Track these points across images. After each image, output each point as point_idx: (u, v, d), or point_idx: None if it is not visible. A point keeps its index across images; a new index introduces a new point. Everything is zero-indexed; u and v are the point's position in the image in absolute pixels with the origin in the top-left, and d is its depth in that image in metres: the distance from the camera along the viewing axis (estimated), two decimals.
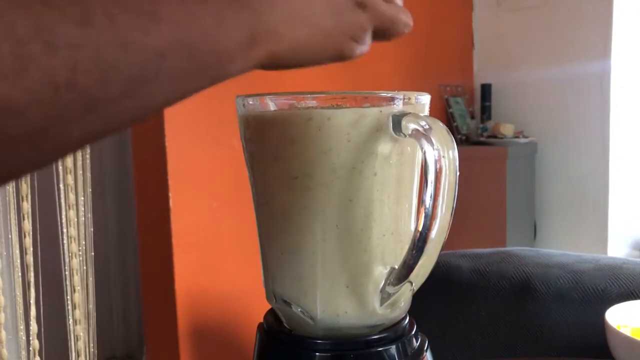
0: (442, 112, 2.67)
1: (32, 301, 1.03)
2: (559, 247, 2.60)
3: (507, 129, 2.63)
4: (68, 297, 1.10)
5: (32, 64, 0.22)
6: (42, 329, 1.05)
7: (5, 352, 0.96)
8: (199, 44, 0.26)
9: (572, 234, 2.67)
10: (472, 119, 2.83)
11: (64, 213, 1.10)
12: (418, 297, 0.45)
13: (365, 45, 0.35)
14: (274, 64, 0.31)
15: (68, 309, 1.11)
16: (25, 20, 0.22)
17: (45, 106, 0.22)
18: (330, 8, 0.32)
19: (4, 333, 0.97)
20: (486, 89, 2.76)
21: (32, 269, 1.02)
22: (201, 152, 1.75)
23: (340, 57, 0.34)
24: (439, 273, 1.01)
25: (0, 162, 0.23)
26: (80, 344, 1.11)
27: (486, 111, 2.76)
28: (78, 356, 1.11)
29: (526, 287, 0.95)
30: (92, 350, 1.13)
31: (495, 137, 2.64)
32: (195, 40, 0.26)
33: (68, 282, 1.09)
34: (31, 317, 1.03)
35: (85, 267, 1.13)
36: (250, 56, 0.28)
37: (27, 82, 0.22)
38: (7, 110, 0.22)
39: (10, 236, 0.99)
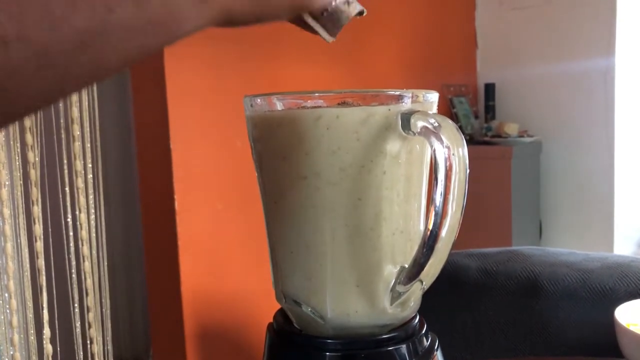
0: (446, 112, 2.67)
1: (45, 305, 1.03)
2: (565, 246, 2.59)
3: (512, 128, 2.63)
4: (84, 297, 1.10)
5: None
6: (57, 333, 1.05)
7: (18, 355, 0.96)
8: None
9: (577, 233, 2.66)
10: (476, 118, 2.82)
11: (74, 215, 1.10)
12: (425, 297, 0.45)
13: None
14: (229, 20, 0.29)
15: (84, 306, 1.11)
16: None
17: None
18: None
19: (17, 337, 0.97)
20: (490, 89, 2.75)
21: (44, 273, 1.02)
22: (206, 154, 1.75)
23: (301, 5, 0.32)
24: (446, 273, 1.00)
25: None
26: (95, 347, 1.11)
27: (490, 111, 2.75)
28: (92, 359, 1.11)
29: (534, 286, 0.94)
30: (108, 354, 1.13)
31: (499, 136, 2.64)
32: None
33: (83, 285, 1.10)
34: (44, 321, 1.03)
35: (97, 269, 1.13)
36: (203, 11, 0.28)
37: None
38: None
39: (19, 240, 0.99)
